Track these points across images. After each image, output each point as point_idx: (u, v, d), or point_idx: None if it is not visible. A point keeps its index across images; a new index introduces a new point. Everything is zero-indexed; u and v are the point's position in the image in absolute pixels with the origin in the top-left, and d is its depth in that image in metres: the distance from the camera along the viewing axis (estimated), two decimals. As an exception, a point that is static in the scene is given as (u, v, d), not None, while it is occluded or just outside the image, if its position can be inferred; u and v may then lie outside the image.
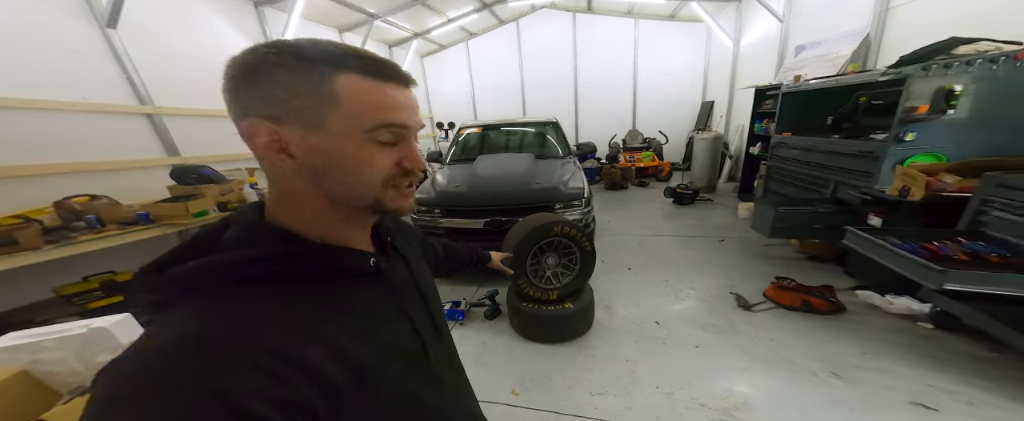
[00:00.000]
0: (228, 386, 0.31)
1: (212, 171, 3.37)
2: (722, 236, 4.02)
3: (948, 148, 2.37)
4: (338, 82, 0.40)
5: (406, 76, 0.45)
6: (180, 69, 3.83)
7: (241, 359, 0.33)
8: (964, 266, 1.72)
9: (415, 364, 0.52)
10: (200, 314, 0.37)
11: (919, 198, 2.13)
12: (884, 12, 3.51)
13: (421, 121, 0.48)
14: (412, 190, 0.50)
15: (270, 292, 0.40)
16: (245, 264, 0.40)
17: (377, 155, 0.44)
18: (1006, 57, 2.11)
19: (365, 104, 0.41)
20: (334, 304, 0.44)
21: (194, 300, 0.38)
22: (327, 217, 0.47)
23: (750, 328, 2.38)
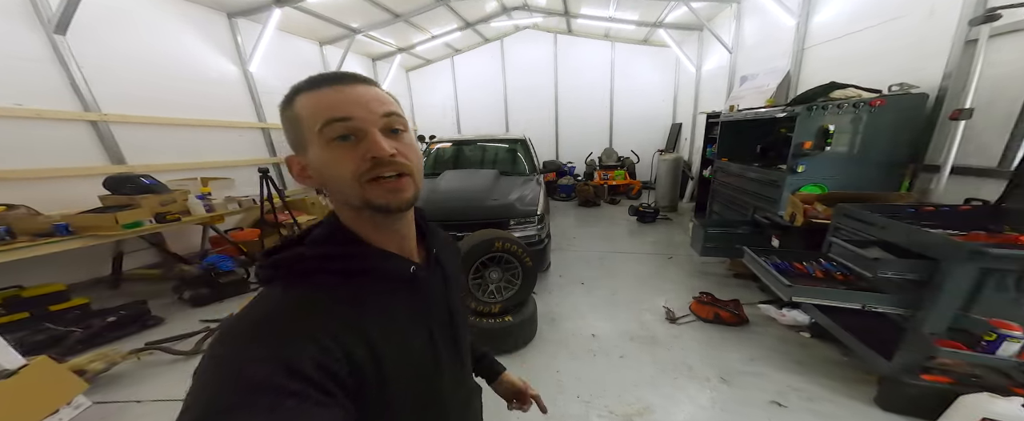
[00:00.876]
0: (290, 354, 0.40)
1: (152, 181, 3.38)
2: (671, 254, 4.42)
3: (828, 180, 2.81)
4: (296, 104, 0.49)
5: (344, 76, 0.50)
6: (139, 77, 3.92)
7: (302, 335, 0.42)
8: (816, 282, 2.11)
9: (425, 375, 0.57)
10: (282, 293, 0.48)
11: (800, 223, 2.54)
12: (801, 52, 4.04)
13: (380, 110, 0.49)
14: (400, 182, 0.50)
15: (330, 284, 0.50)
16: (316, 259, 0.51)
17: (340, 154, 0.47)
18: (864, 104, 2.58)
19: (310, 111, 0.48)
20: (374, 302, 0.51)
21: (282, 281, 0.50)
22: (361, 222, 0.54)
23: (669, 339, 2.71)
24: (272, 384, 0.37)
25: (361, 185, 0.48)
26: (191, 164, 4.36)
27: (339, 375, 0.43)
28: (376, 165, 0.48)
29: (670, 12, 6.36)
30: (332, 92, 0.48)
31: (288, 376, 0.38)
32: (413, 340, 0.55)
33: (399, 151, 0.50)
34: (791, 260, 2.35)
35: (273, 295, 0.48)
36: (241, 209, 3.80)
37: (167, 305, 3.28)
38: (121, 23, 3.80)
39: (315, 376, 0.40)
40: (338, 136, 0.47)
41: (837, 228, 2.23)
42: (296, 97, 0.50)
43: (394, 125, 0.51)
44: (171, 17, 4.31)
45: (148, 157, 3.99)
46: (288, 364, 0.39)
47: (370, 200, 0.49)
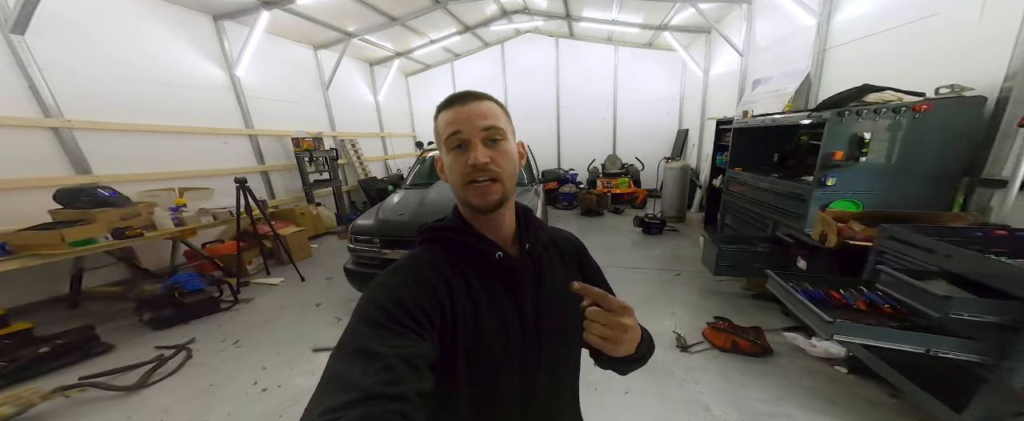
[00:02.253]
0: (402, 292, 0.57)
1: (112, 192, 3.12)
2: (680, 270, 4.09)
3: (863, 195, 2.48)
4: (437, 120, 0.64)
5: (465, 95, 0.63)
6: (110, 82, 3.68)
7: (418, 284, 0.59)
8: (859, 315, 1.78)
9: (491, 358, 0.62)
10: (414, 253, 0.67)
11: (833, 244, 2.22)
12: (822, 53, 3.73)
13: (481, 124, 0.60)
14: (489, 187, 0.61)
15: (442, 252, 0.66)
16: (437, 231, 0.69)
17: (455, 161, 0.61)
18: (907, 108, 2.26)
19: (441, 126, 0.62)
20: (464, 275, 0.64)
21: (422, 243, 0.70)
22: (468, 212, 0.68)
23: (681, 371, 2.40)
24: (386, 311, 0.54)
25: (463, 187, 0.61)
26: (168, 173, 4.10)
27: (433, 317, 0.57)
28: (473, 171, 0.60)
29: (676, 14, 6.10)
30: (453, 111, 0.61)
31: (398, 306, 0.55)
32: (485, 320, 0.62)
33: (492, 159, 0.60)
34: (825, 287, 2.03)
35: (413, 251, 0.69)
36: (216, 222, 3.52)
37: (124, 329, 3.01)
38: (90, 24, 3.56)
39: (417, 312, 0.56)
40: (455, 145, 0.61)
41: (882, 252, 1.90)
42: (438, 114, 0.64)
43: (493, 136, 0.61)
44: (149, 18, 4.07)
45: (118, 166, 3.72)
46: (400, 299, 0.56)
47: (466, 199, 0.63)
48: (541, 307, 0.67)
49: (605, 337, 0.55)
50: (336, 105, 7.30)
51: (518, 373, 0.65)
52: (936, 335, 1.46)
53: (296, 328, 3.07)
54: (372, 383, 0.44)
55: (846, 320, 1.70)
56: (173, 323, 3.02)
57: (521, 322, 0.65)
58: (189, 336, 2.90)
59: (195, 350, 2.76)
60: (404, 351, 0.49)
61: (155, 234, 3.11)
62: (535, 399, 0.68)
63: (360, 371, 0.46)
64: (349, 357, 0.48)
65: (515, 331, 0.64)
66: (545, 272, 0.70)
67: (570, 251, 0.79)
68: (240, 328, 3.08)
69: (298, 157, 5.74)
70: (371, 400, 0.43)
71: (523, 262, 0.68)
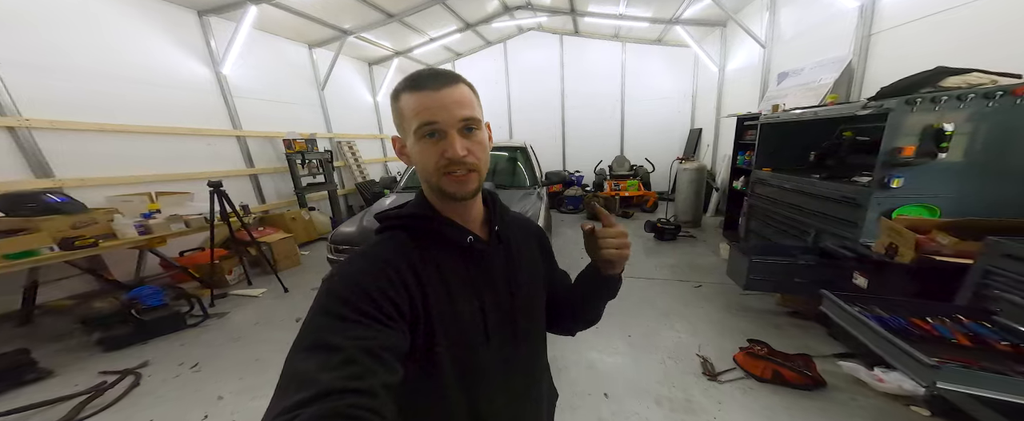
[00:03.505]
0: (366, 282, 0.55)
1: (64, 198, 2.81)
2: (700, 281, 3.66)
3: (942, 200, 2.04)
4: (401, 101, 0.59)
5: (438, 77, 0.58)
6: (79, 79, 3.35)
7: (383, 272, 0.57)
8: (965, 353, 1.35)
9: (470, 344, 0.63)
10: (376, 241, 0.65)
11: (909, 260, 1.79)
12: (867, 38, 3.28)
13: (459, 114, 0.57)
14: (467, 177, 0.59)
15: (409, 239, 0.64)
16: (402, 218, 0.66)
17: (427, 149, 0.58)
18: (1003, 92, 1.82)
19: (410, 110, 0.58)
20: (433, 261, 0.62)
21: (382, 232, 0.67)
22: (435, 198, 0.65)
23: (711, 405, 1.99)
24: (346, 301, 0.51)
25: (438, 175, 0.59)
26: (142, 177, 3.75)
27: (401, 307, 0.55)
28: (450, 163, 0.57)
29: (688, 7, 5.69)
30: (427, 96, 0.57)
31: (360, 298, 0.52)
32: (461, 306, 0.62)
33: (470, 151, 0.58)
34: (906, 314, 1.60)
35: (373, 240, 0.65)
36: (189, 229, 3.17)
37: (71, 350, 2.66)
38: (57, 18, 3.23)
39: (382, 302, 0.53)
40: (428, 134, 0.57)
41: (989, 273, 1.47)
42: (401, 93, 0.59)
43: (469, 125, 0.59)
44: (126, 13, 3.75)
45: (85, 170, 3.37)
46: (363, 289, 0.53)
47: (442, 188, 0.60)
48: (514, 287, 0.69)
49: (620, 249, 0.68)
50: (332, 105, 6.99)
51: (498, 351, 0.66)
52: None
53: (267, 347, 2.71)
54: (332, 378, 0.42)
55: (953, 362, 1.28)
56: (128, 343, 2.67)
57: (497, 302, 0.66)
58: (143, 358, 2.54)
59: (146, 375, 2.42)
60: (367, 343, 0.47)
61: (113, 244, 2.74)
62: (516, 372, 0.71)
63: (317, 366, 0.43)
64: (306, 353, 0.45)
65: (492, 312, 0.65)
66: (513, 253, 0.71)
67: (531, 231, 0.82)
68: (204, 348, 2.73)
69: (289, 159, 5.40)
70: (331, 396, 0.40)
71: (493, 245, 0.68)
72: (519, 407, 0.73)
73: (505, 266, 0.68)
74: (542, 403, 0.80)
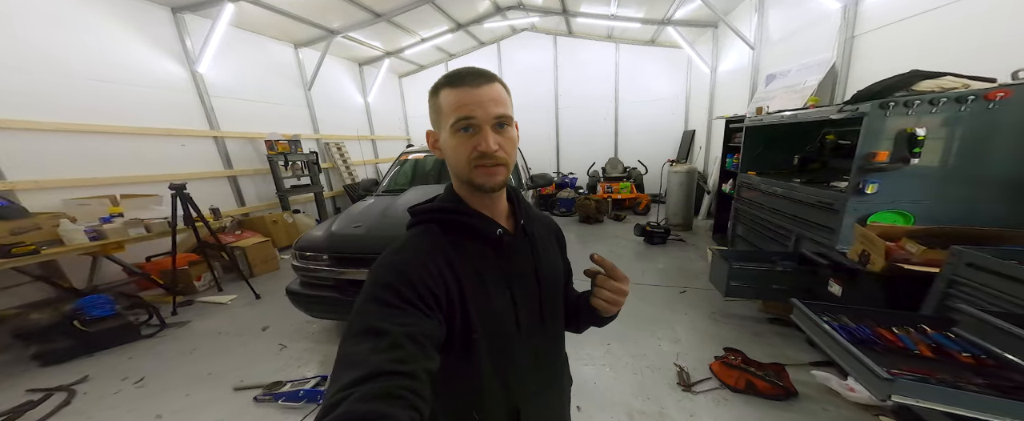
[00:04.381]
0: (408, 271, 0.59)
1: (3, 202, 2.71)
2: (686, 286, 3.65)
3: (917, 206, 2.04)
4: (440, 96, 0.64)
5: (477, 76, 0.62)
6: (41, 78, 3.27)
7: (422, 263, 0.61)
8: (926, 365, 1.34)
9: (504, 333, 0.68)
10: (413, 234, 0.69)
11: (879, 268, 1.77)
12: (850, 40, 3.30)
13: (494, 112, 0.61)
14: (495, 170, 0.63)
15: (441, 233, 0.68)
16: (435, 212, 0.71)
17: (461, 143, 0.62)
18: (975, 97, 1.82)
19: (449, 105, 0.62)
20: (464, 251, 0.67)
21: (415, 226, 0.71)
22: (465, 191, 0.70)
23: (683, 417, 1.98)
24: (393, 289, 0.55)
25: (470, 168, 0.63)
26: (105, 179, 3.68)
27: (438, 297, 0.59)
28: (482, 156, 0.61)
29: (679, 7, 5.72)
30: (466, 93, 0.61)
31: (404, 286, 0.56)
32: (495, 296, 0.67)
33: (500, 146, 0.62)
34: (872, 323, 1.58)
35: (409, 233, 0.70)
36: (150, 233, 3.13)
37: (6, 365, 2.54)
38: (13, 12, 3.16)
39: (423, 291, 0.57)
40: (463, 128, 0.61)
41: (954, 283, 1.45)
42: (441, 89, 0.63)
43: (502, 122, 0.63)
44: (89, 7, 3.68)
45: (41, 171, 3.27)
46: (407, 278, 0.57)
47: (472, 180, 0.64)
48: (540, 276, 0.74)
49: (609, 301, 0.73)
50: (320, 106, 6.97)
51: (528, 339, 0.72)
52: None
53: (225, 360, 2.63)
54: (382, 360, 0.46)
55: (909, 374, 1.26)
56: (69, 357, 2.56)
57: (525, 293, 0.71)
58: (84, 373, 2.45)
59: (82, 392, 2.29)
60: (411, 329, 0.51)
61: (58, 251, 2.65)
62: (544, 359, 0.78)
63: (369, 349, 0.47)
64: (358, 337, 0.50)
65: (521, 301, 0.70)
66: (538, 246, 0.76)
67: (551, 226, 0.89)
68: (155, 361, 2.63)
69: (271, 161, 5.38)
70: (382, 376, 0.44)
71: (520, 237, 0.73)
72: (549, 393, 0.81)
73: (531, 258, 0.73)
74: (565, 389, 0.88)
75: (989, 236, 1.63)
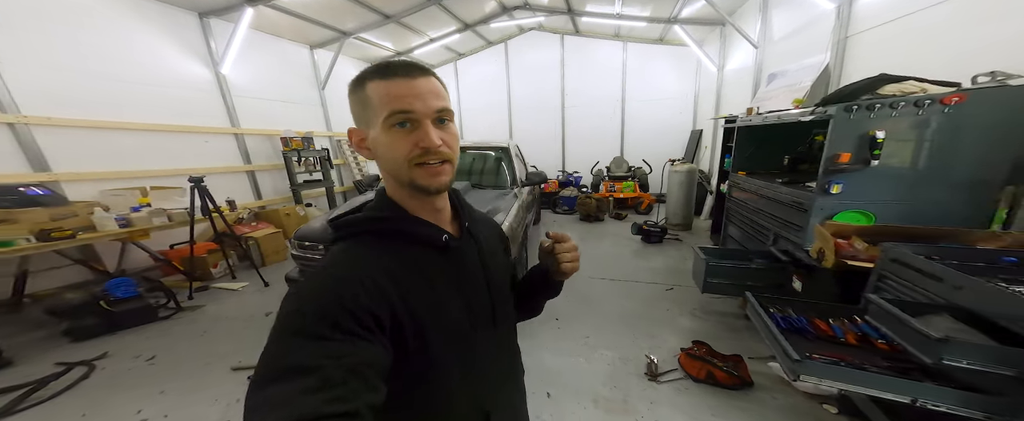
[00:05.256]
0: (343, 292, 0.51)
1: (45, 191, 3.01)
2: (672, 284, 3.76)
3: (878, 205, 2.12)
4: (366, 88, 0.58)
5: (410, 67, 0.57)
6: (83, 79, 3.65)
7: (358, 281, 0.53)
8: (847, 351, 1.47)
9: (460, 339, 0.65)
10: (342, 248, 0.61)
11: (829, 264, 1.88)
12: (843, 41, 3.33)
13: (435, 105, 0.58)
14: (442, 168, 0.60)
15: (379, 244, 0.61)
16: (368, 222, 0.63)
17: (398, 140, 0.57)
18: (932, 101, 1.89)
19: (380, 98, 0.56)
20: (410, 262, 0.61)
21: (343, 240, 0.63)
22: (403, 195, 0.64)
23: (644, 405, 2.13)
24: (321, 316, 0.48)
25: (410, 167, 0.58)
26: (136, 173, 4.10)
27: (381, 318, 0.53)
28: (425, 153, 0.57)
29: (685, 6, 5.75)
30: (400, 84, 0.57)
31: (336, 310, 0.49)
32: (449, 303, 0.64)
33: (444, 141, 0.59)
34: (812, 315, 1.72)
35: (335, 250, 0.63)
36: (171, 223, 3.51)
37: (41, 340, 2.84)
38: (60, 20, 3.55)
39: (361, 314, 0.50)
40: (399, 123, 0.57)
41: (883, 277, 1.57)
42: (368, 81, 0.58)
43: (443, 116, 0.60)
44: (130, 15, 4.11)
45: (81, 164, 3.67)
46: (338, 302, 0.50)
47: (414, 180, 0.59)
48: (489, 277, 0.72)
49: (573, 262, 0.76)
50: (333, 105, 7.38)
51: (486, 342, 0.71)
52: (927, 383, 1.14)
53: (230, 342, 2.89)
54: (317, 402, 0.40)
55: (823, 357, 1.41)
56: (96, 334, 2.83)
57: (478, 296, 0.69)
58: (105, 349, 2.72)
59: (101, 367, 2.55)
60: (349, 360, 0.46)
61: (92, 236, 2.98)
62: (502, 359, 0.78)
63: (298, 390, 0.41)
64: (281, 378, 0.42)
65: (475, 305, 0.68)
66: (484, 248, 0.74)
67: (494, 227, 0.89)
68: (168, 340, 2.91)
69: (286, 157, 5.78)
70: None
71: (466, 240, 0.71)
72: (510, 390, 0.81)
73: (479, 261, 0.71)
74: (521, 380, 0.88)
75: (928, 234, 1.72)
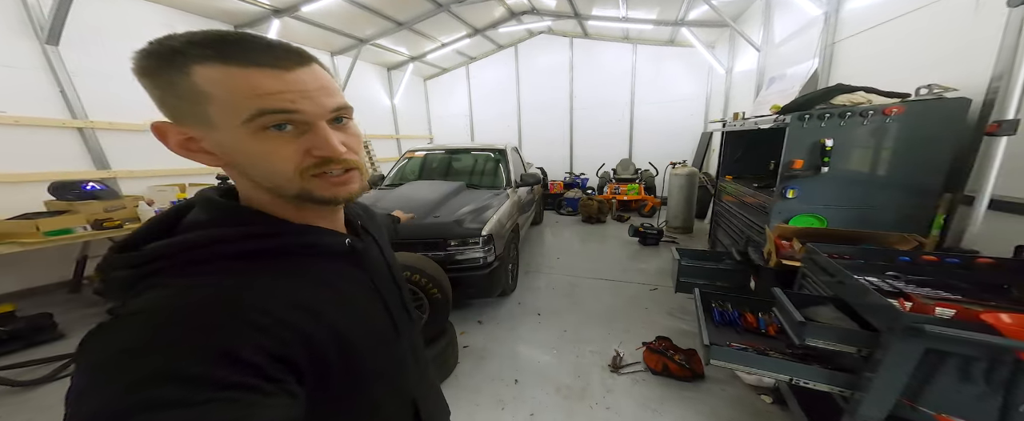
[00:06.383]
0: (230, 340, 0.36)
1: (101, 186, 3.45)
2: (657, 285, 3.91)
3: (829, 209, 2.24)
4: (195, 75, 0.40)
5: (277, 53, 0.43)
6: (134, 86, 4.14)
7: (241, 319, 0.38)
8: (761, 340, 1.65)
9: (386, 343, 0.59)
10: (192, 284, 0.40)
11: (773, 264, 2.04)
12: (830, 47, 3.39)
13: (329, 104, 0.46)
14: (348, 176, 0.50)
15: (257, 267, 0.45)
16: (233, 240, 0.45)
17: (276, 148, 0.44)
18: (875, 112, 2.01)
19: (232, 94, 0.41)
20: (316, 279, 0.50)
21: (178, 274, 0.42)
22: (284, 205, 0.50)
23: (601, 393, 2.33)
24: (202, 377, 0.34)
25: (304, 179, 0.46)
26: (178, 170, 4.70)
27: (291, 358, 0.40)
28: (324, 163, 0.47)
29: (691, 9, 5.84)
30: (272, 77, 0.42)
31: (224, 364, 0.35)
32: (370, 311, 0.58)
33: (348, 146, 0.49)
34: (745, 310, 1.90)
35: (174, 290, 0.40)
36: (201, 214, 4.02)
37: (91, 317, 3.23)
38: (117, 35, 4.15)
39: (260, 363, 0.37)
40: (273, 125, 0.43)
41: (804, 275, 1.74)
42: (194, 64, 0.40)
43: (341, 115, 0.49)
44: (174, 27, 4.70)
45: (134, 163, 4.33)
46: (226, 353, 0.36)
47: (312, 193, 0.48)
48: (394, 271, 0.69)
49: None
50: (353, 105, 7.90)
51: (408, 340, 0.67)
52: (799, 364, 1.32)
53: None
54: None
55: (738, 345, 1.60)
56: None
57: (391, 294, 0.64)
58: None
59: None
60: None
61: (136, 226, 3.47)
62: (419, 352, 0.73)
63: None
64: None
65: (392, 304, 0.63)
66: (380, 243, 0.70)
67: (375, 215, 0.86)
68: None
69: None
70: None
71: (367, 242, 0.64)
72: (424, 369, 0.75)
73: (382, 256, 0.67)
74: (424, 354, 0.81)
75: (854, 237, 1.84)
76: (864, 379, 1.16)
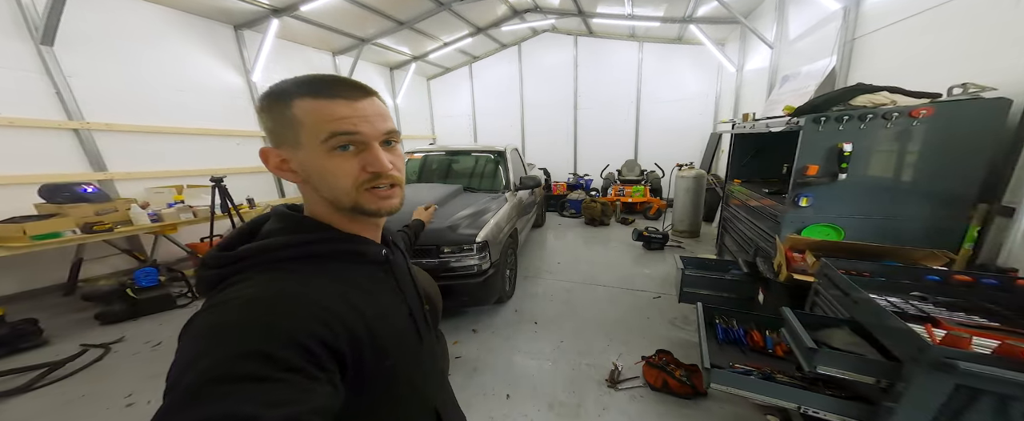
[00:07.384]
0: (300, 328, 0.45)
1: (94, 189, 3.40)
2: (660, 293, 3.76)
3: (847, 220, 2.08)
4: (293, 107, 0.54)
5: (350, 87, 0.57)
6: (135, 88, 4.18)
7: (307, 311, 0.48)
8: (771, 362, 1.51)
9: (412, 350, 0.66)
10: (272, 279, 0.52)
11: (783, 277, 1.90)
12: (850, 43, 3.20)
13: (383, 127, 0.57)
14: (392, 192, 0.60)
15: (316, 268, 0.56)
16: (298, 245, 0.56)
17: (340, 164, 0.55)
18: (900, 114, 1.85)
19: (317, 119, 0.53)
20: (357, 283, 0.59)
21: (260, 271, 0.53)
22: (339, 217, 0.61)
23: (596, 411, 2.20)
24: (269, 356, 0.41)
25: (358, 192, 0.57)
26: (176, 172, 4.69)
27: (340, 350, 0.48)
28: (374, 178, 0.57)
29: (700, 5, 5.66)
30: (341, 106, 0.54)
31: (285, 347, 0.42)
32: (397, 318, 0.64)
33: (394, 165, 0.59)
34: (751, 327, 1.76)
35: (255, 281, 0.51)
36: (195, 218, 3.97)
37: (78, 323, 3.20)
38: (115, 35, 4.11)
39: (317, 351, 0.45)
40: (340, 146, 0.55)
41: (817, 292, 1.59)
42: (295, 99, 0.54)
43: (390, 139, 0.59)
44: (174, 30, 4.69)
45: (131, 165, 4.29)
46: (288, 336, 0.44)
47: (362, 205, 0.58)
48: (415, 280, 0.75)
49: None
50: (353, 108, 7.87)
51: (430, 341, 0.74)
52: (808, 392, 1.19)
53: None
54: None
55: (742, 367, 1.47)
56: (121, 319, 3.14)
57: (415, 301, 0.71)
58: (123, 334, 3.00)
59: (116, 350, 2.80)
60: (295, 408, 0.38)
61: (127, 230, 3.44)
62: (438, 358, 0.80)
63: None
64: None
65: (416, 311, 0.70)
66: (403, 250, 0.79)
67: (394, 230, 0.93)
68: (177, 328, 3.23)
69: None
70: None
71: (394, 252, 0.71)
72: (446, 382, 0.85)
73: (406, 268, 0.75)
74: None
75: (874, 251, 1.69)
76: (883, 410, 1.03)
